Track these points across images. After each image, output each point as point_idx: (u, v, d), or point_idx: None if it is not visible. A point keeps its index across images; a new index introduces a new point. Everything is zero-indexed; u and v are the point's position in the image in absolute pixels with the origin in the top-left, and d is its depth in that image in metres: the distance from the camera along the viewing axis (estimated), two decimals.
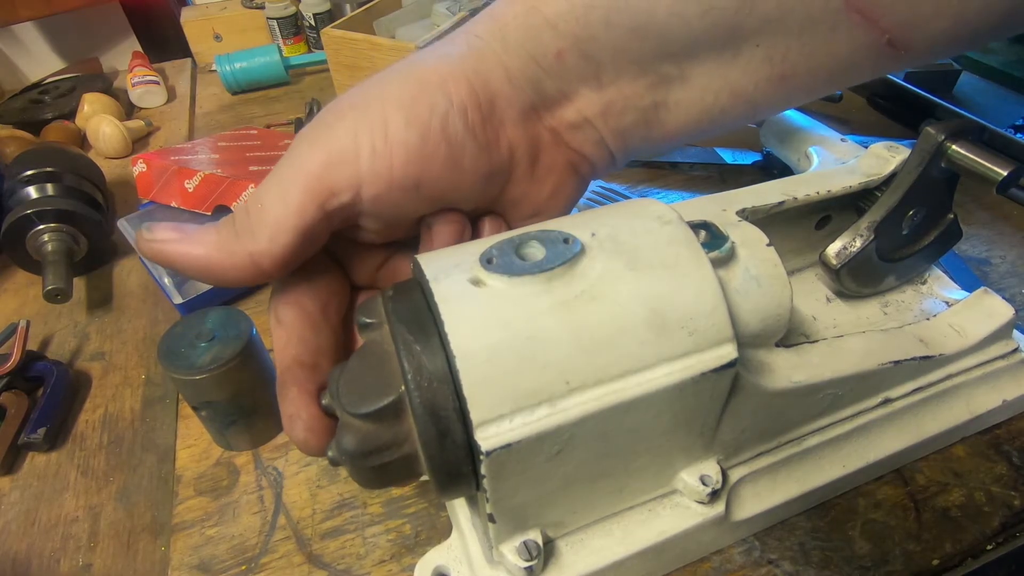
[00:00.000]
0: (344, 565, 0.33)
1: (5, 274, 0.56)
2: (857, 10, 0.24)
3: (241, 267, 0.23)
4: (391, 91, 0.25)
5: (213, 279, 0.24)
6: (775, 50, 0.26)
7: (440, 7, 0.74)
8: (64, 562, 0.36)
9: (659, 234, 0.24)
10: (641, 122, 0.28)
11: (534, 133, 0.28)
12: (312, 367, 0.25)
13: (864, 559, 0.31)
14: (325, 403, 0.24)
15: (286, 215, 0.23)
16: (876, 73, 0.27)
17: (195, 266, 0.24)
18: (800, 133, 0.40)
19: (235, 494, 0.37)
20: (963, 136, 0.32)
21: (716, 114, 0.28)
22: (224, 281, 0.24)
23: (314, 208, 0.23)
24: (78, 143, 0.71)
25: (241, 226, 0.24)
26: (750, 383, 0.26)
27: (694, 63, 0.27)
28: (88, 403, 0.44)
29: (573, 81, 0.27)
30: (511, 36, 0.26)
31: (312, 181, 0.23)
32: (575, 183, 0.30)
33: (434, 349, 0.21)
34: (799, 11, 0.24)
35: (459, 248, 0.25)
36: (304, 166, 0.24)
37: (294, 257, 0.24)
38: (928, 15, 0.24)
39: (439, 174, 0.25)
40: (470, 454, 0.22)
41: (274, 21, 0.86)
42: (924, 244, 0.36)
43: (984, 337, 0.34)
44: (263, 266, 0.23)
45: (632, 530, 0.29)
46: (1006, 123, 0.58)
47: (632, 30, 0.26)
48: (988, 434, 0.36)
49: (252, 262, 0.23)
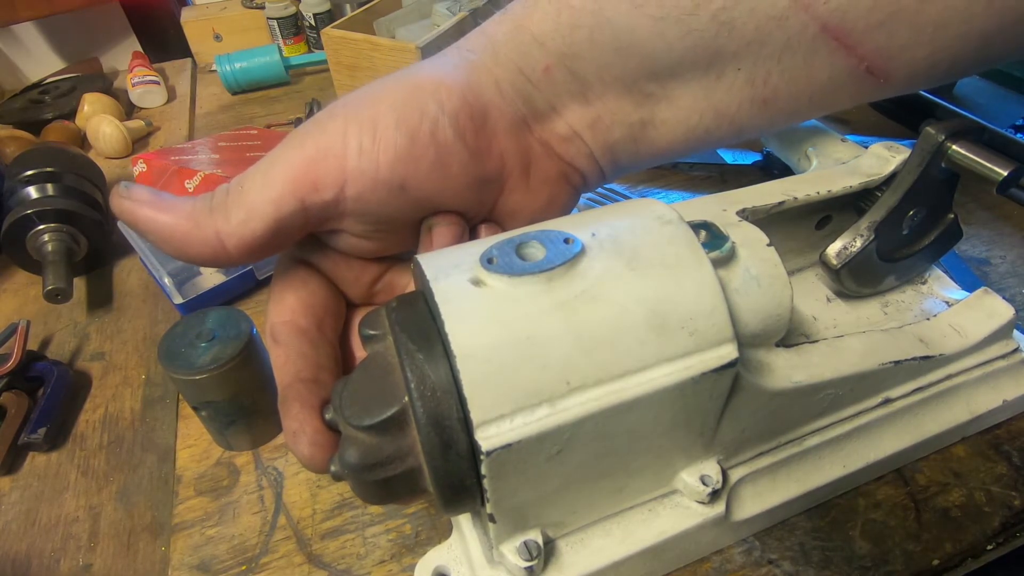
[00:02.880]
0: (344, 565, 0.33)
1: (5, 274, 0.56)
2: (835, 37, 0.25)
3: (205, 243, 0.23)
4: (384, 95, 0.25)
5: (175, 250, 0.24)
6: (756, 73, 0.26)
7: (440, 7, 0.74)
8: (64, 562, 0.36)
9: (659, 234, 0.24)
10: (628, 138, 0.29)
11: (525, 144, 0.28)
12: (313, 382, 0.25)
13: (864, 559, 0.31)
14: (328, 417, 0.24)
15: (263, 201, 0.23)
16: (858, 100, 0.28)
17: (160, 233, 0.24)
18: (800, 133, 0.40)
19: (235, 494, 0.37)
20: (963, 136, 0.32)
21: (701, 133, 0.29)
22: (185, 254, 0.24)
23: (293, 200, 0.24)
24: (78, 143, 0.71)
25: (217, 203, 0.24)
26: (750, 383, 0.26)
27: (678, 83, 0.27)
28: (88, 403, 0.44)
29: (562, 95, 0.28)
30: (501, 51, 0.27)
31: (296, 173, 0.24)
32: (568, 194, 0.30)
33: (437, 358, 0.21)
34: (777, 36, 0.25)
35: (459, 248, 0.25)
36: (291, 158, 0.24)
37: (260, 246, 0.24)
38: (905, 44, 0.24)
39: (426, 177, 0.25)
40: (474, 466, 0.22)
41: (274, 21, 0.86)
42: (924, 244, 0.36)
43: (984, 337, 0.34)
44: (227, 247, 0.23)
45: (632, 530, 0.29)
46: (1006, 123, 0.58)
47: (615, 50, 0.26)
48: (988, 434, 0.36)
49: (217, 240, 0.23)
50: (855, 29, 0.24)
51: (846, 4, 0.24)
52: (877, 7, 0.24)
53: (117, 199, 0.24)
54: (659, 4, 0.25)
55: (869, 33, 0.24)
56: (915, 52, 0.25)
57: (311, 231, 0.26)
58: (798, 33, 0.25)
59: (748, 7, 0.24)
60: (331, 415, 0.24)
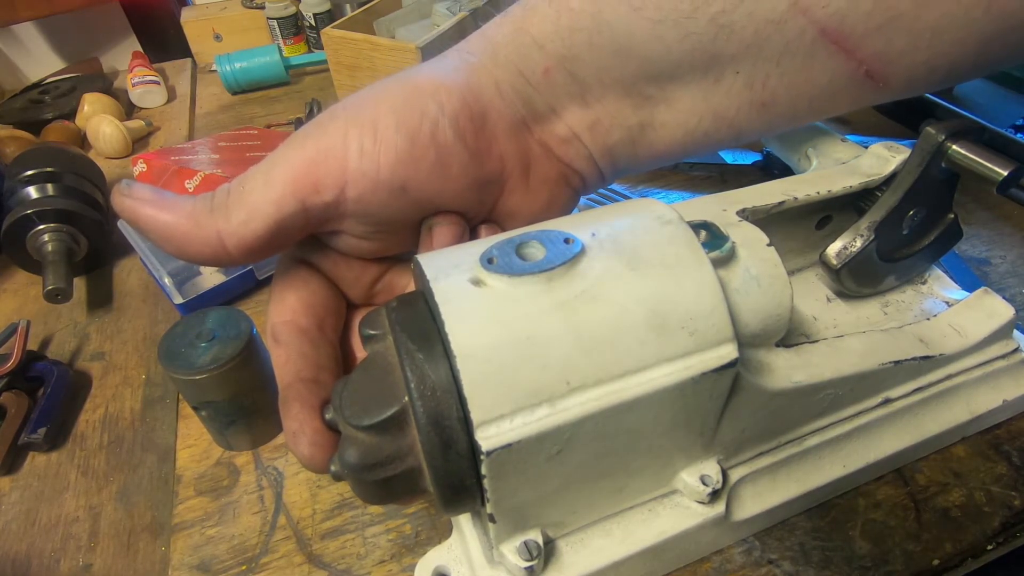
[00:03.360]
0: (344, 565, 0.33)
1: (5, 274, 0.56)
2: (833, 41, 0.25)
3: (206, 242, 0.23)
4: (384, 97, 0.25)
5: (175, 249, 0.24)
6: (755, 77, 0.27)
7: (440, 7, 0.74)
8: (64, 562, 0.36)
9: (659, 234, 0.24)
10: (627, 140, 0.29)
11: (525, 146, 0.28)
12: (314, 382, 0.25)
13: (864, 559, 0.31)
14: (329, 417, 0.24)
15: (265, 202, 0.23)
16: (858, 104, 0.28)
17: (161, 232, 0.24)
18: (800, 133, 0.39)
19: (235, 494, 0.37)
20: (963, 136, 0.32)
21: (700, 136, 0.29)
22: (185, 254, 0.24)
23: (295, 201, 0.24)
24: (78, 143, 0.71)
25: (218, 203, 0.24)
26: (750, 383, 0.26)
27: (677, 86, 0.27)
28: (88, 403, 0.44)
29: (561, 97, 0.28)
30: (501, 53, 0.27)
31: (298, 174, 0.24)
32: (568, 195, 0.30)
33: (437, 358, 0.21)
34: (776, 40, 0.25)
35: (459, 248, 0.25)
36: (292, 159, 0.24)
37: (261, 247, 0.24)
38: (903, 48, 0.25)
39: (426, 178, 0.25)
40: (474, 465, 0.22)
41: (274, 21, 0.86)
42: (924, 244, 0.36)
43: (984, 337, 0.34)
44: (228, 247, 0.23)
45: (632, 530, 0.29)
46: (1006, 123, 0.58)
47: (614, 52, 0.26)
48: (988, 434, 0.36)
49: (218, 240, 0.23)
50: (853, 33, 0.24)
51: (844, 8, 0.24)
52: (875, 12, 0.24)
53: (119, 197, 0.24)
54: (657, 7, 0.25)
55: (867, 37, 0.24)
56: (913, 57, 0.25)
57: (311, 232, 0.26)
58: (797, 37, 0.25)
59: (746, 11, 0.24)
60: (331, 415, 0.24)
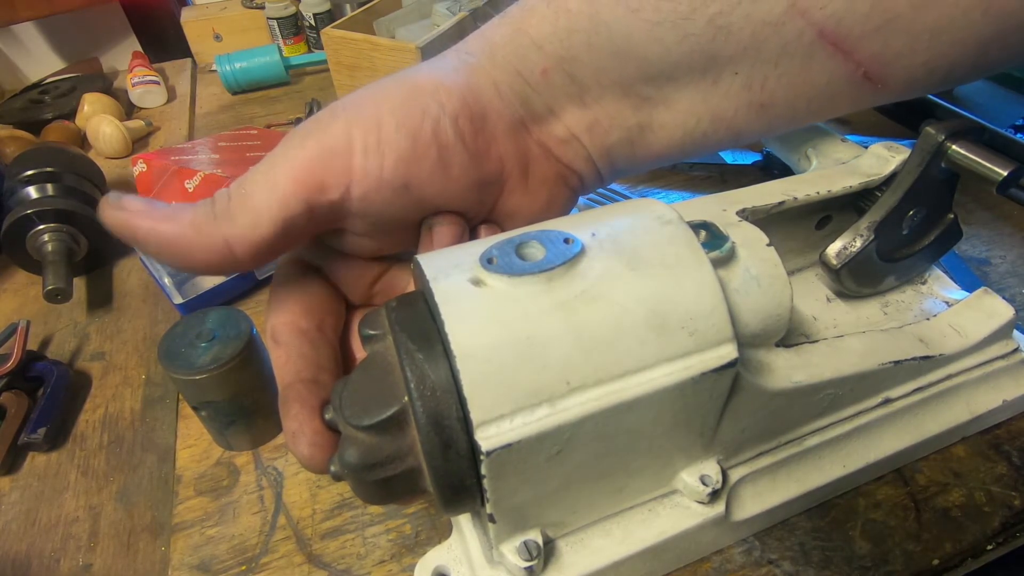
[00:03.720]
0: (344, 565, 0.33)
1: (5, 274, 0.56)
2: (831, 43, 0.25)
3: (213, 250, 0.23)
4: (385, 95, 0.25)
5: (179, 260, 0.23)
6: (753, 78, 0.26)
7: (440, 7, 0.74)
8: (64, 562, 0.36)
9: (659, 234, 0.24)
10: (626, 141, 0.29)
11: (524, 146, 0.28)
12: (313, 382, 0.25)
13: (864, 559, 0.31)
14: (328, 418, 0.24)
15: (270, 203, 0.23)
16: (857, 105, 0.28)
17: (162, 244, 0.23)
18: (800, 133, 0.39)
19: (235, 494, 0.37)
20: (963, 136, 0.32)
21: (699, 137, 0.29)
22: (190, 264, 0.23)
23: (300, 201, 0.23)
24: (78, 143, 0.71)
25: (220, 209, 0.23)
26: (750, 383, 0.26)
27: (675, 87, 0.27)
28: (88, 403, 0.44)
29: (560, 98, 0.28)
30: (499, 54, 0.27)
31: (303, 173, 0.23)
32: (567, 196, 0.30)
33: (437, 358, 0.21)
34: (774, 41, 0.25)
35: (459, 248, 0.25)
36: (296, 158, 0.24)
37: (269, 249, 0.24)
38: (901, 50, 0.25)
39: (428, 177, 0.25)
40: (474, 465, 0.22)
41: (274, 21, 0.86)
42: (924, 244, 0.36)
43: (984, 337, 0.34)
44: (236, 252, 0.23)
45: (632, 530, 0.29)
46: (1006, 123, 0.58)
47: (612, 54, 0.26)
48: (988, 434, 0.36)
49: (226, 246, 0.23)
50: (851, 35, 0.24)
51: (842, 10, 0.24)
52: (873, 13, 0.24)
53: (110, 211, 0.23)
54: (655, 8, 0.25)
55: (865, 39, 0.24)
56: (912, 58, 0.25)
57: (316, 231, 0.25)
58: (795, 38, 0.25)
59: (744, 12, 0.24)
60: (331, 415, 0.24)
